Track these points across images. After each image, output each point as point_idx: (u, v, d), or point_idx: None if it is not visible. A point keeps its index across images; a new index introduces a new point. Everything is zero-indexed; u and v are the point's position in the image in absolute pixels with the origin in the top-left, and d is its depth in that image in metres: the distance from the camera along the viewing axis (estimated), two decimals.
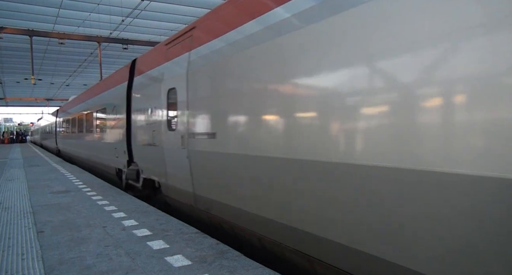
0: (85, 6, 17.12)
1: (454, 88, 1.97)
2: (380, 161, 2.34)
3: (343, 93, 2.61)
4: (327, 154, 2.74)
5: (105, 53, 24.81)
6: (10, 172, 11.99)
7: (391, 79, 2.29)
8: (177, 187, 5.55)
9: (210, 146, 4.42)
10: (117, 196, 7.16)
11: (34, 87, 34.75)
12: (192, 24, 5.20)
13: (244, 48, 3.74)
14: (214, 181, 4.47)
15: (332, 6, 2.71)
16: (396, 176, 2.28)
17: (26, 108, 67.56)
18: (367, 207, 2.48)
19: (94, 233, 4.54)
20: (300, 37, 3.00)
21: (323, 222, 2.86)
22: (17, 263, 3.59)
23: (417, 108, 2.14)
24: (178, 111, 5.32)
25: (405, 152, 2.20)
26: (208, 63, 4.49)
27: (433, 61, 2.05)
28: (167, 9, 17.82)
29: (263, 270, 3.22)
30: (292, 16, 3.11)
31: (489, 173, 1.82)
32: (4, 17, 18.10)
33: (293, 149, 3.09)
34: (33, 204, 6.45)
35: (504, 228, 1.80)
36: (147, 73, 6.78)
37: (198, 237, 4.28)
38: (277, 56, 3.28)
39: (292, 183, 3.14)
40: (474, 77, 1.86)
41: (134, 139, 7.41)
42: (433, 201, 2.08)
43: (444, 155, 2.00)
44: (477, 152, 1.87)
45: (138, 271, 3.29)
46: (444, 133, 2.01)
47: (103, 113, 10.17)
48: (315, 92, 2.87)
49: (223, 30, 4.19)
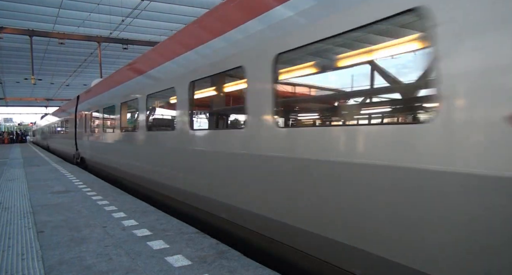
0: (85, 6, 17.15)
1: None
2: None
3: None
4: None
5: (105, 53, 24.81)
6: (10, 172, 11.99)
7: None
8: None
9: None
10: (117, 196, 7.16)
11: (34, 87, 34.73)
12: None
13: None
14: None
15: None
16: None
17: (26, 108, 67.54)
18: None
19: (94, 233, 4.54)
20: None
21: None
22: (17, 263, 3.59)
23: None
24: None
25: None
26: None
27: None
28: (167, 9, 17.84)
29: (263, 270, 3.22)
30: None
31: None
32: (4, 17, 18.11)
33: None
34: (33, 204, 6.45)
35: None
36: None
37: (198, 237, 4.28)
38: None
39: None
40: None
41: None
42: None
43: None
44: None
45: (138, 271, 3.29)
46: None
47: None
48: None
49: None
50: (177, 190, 5.82)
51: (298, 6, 3.26)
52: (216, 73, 4.65)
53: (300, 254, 3.31)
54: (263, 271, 3.21)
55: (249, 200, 3.98)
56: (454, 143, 2.11)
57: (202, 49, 5.02)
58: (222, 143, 4.49)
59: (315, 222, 3.09)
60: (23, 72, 30.27)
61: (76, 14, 18.32)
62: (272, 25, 3.58)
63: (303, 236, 3.22)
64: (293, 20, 3.31)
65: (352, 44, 3.12)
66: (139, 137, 7.50)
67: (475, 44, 2.03)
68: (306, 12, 3.17)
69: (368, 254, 2.64)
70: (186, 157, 5.51)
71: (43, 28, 19.74)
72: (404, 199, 2.37)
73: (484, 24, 1.99)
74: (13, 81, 37.39)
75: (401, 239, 2.40)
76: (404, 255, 2.40)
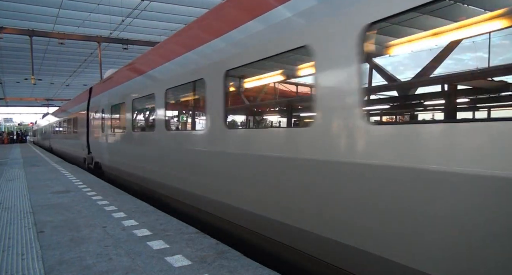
0: (85, 6, 17.14)
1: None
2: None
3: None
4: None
5: (105, 53, 24.80)
6: (10, 172, 11.99)
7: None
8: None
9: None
10: (117, 196, 7.16)
11: (34, 87, 34.71)
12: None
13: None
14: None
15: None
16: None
17: (26, 108, 67.49)
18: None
19: (94, 233, 4.54)
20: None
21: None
22: (17, 263, 3.59)
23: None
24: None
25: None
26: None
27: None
28: (167, 9, 17.84)
29: (263, 270, 3.22)
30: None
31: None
32: (4, 17, 18.11)
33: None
34: (33, 204, 6.45)
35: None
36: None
37: (198, 237, 4.28)
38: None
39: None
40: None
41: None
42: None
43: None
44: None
45: (138, 271, 3.29)
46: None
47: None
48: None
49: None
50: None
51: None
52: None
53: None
54: (263, 271, 3.21)
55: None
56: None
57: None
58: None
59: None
60: (23, 72, 30.26)
61: (76, 14, 18.32)
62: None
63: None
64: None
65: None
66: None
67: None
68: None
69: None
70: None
71: (43, 28, 19.74)
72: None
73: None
74: (13, 81, 37.39)
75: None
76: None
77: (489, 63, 2.99)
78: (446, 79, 3.44)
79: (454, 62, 2.42)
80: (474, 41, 2.56)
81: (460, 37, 3.17)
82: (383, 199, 2.51)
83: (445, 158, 2.16)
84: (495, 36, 2.69)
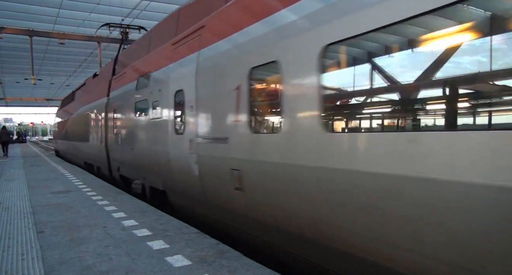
0: (85, 6, 17.15)
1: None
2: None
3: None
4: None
5: (105, 53, 24.80)
6: (10, 172, 11.99)
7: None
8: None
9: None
10: (117, 196, 7.16)
11: (34, 87, 34.73)
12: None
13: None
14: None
15: None
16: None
17: (26, 108, 67.55)
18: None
19: (94, 233, 4.54)
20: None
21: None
22: (17, 263, 3.58)
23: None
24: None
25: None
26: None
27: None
28: (167, 9, 17.82)
29: (263, 270, 3.22)
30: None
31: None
32: (4, 17, 18.12)
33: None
34: (33, 204, 6.45)
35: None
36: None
37: (198, 237, 4.28)
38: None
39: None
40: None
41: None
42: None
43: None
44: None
45: (138, 271, 3.29)
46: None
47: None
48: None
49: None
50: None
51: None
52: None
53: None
54: (263, 271, 3.21)
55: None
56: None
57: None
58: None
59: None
60: (23, 72, 30.26)
61: (76, 14, 18.33)
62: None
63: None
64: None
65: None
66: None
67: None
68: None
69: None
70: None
71: (43, 28, 19.75)
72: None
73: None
74: (13, 81, 37.41)
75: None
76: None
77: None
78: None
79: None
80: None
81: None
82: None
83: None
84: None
